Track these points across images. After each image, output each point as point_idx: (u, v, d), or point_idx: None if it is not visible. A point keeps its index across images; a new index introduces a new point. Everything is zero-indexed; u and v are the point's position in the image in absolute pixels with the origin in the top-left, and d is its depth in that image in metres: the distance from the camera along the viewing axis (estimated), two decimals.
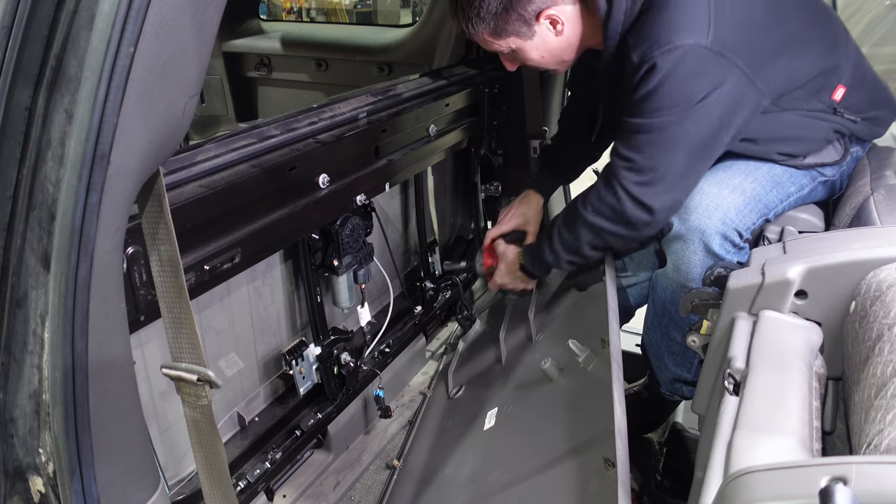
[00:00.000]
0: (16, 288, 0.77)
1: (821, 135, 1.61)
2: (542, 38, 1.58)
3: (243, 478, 1.60)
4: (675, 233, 1.56)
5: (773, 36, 1.48)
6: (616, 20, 1.49)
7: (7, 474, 0.86)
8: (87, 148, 0.70)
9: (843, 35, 1.63)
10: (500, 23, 1.54)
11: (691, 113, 1.41)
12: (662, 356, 1.78)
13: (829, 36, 1.59)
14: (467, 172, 2.54)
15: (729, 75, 1.40)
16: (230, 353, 1.66)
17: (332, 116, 1.64)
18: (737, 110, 1.46)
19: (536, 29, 1.56)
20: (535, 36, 1.57)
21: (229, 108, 3.37)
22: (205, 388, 0.92)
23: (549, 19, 1.54)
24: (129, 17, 0.68)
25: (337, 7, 6.44)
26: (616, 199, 1.51)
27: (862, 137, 1.68)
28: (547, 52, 1.62)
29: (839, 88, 1.59)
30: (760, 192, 1.58)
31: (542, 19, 1.54)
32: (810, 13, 1.58)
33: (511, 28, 1.55)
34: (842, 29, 1.64)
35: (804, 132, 1.60)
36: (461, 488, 1.58)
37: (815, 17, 1.59)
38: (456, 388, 2.08)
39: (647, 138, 1.46)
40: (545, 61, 1.65)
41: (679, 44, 1.37)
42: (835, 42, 1.59)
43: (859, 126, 1.64)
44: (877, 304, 0.99)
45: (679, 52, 1.37)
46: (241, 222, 1.38)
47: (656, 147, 1.46)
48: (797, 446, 0.85)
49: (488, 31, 1.57)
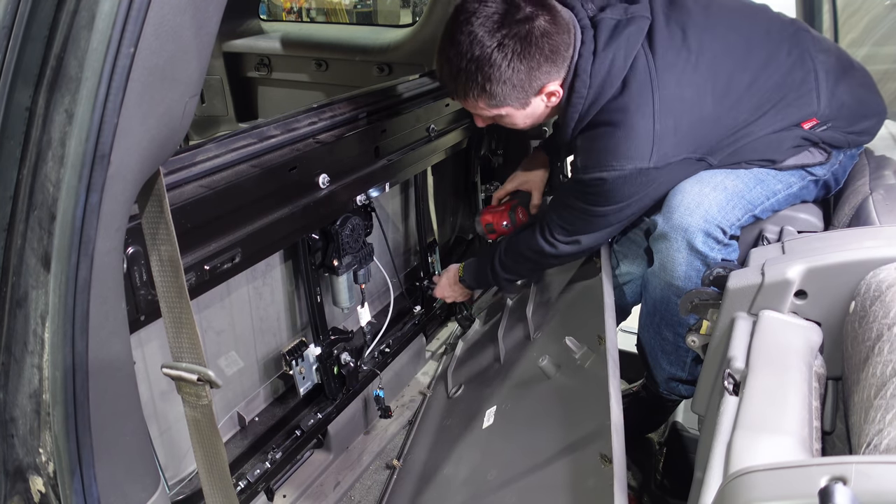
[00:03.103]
0: (16, 288, 0.77)
1: (794, 143, 1.60)
2: (534, 108, 1.57)
3: (243, 478, 1.60)
4: (659, 232, 1.57)
5: (727, 121, 1.53)
6: (571, 118, 1.56)
7: (7, 474, 0.86)
8: (88, 148, 0.70)
9: (815, 68, 1.58)
10: (503, 95, 1.50)
11: (629, 204, 1.56)
12: (657, 356, 1.79)
13: (797, 82, 1.56)
14: (467, 172, 2.54)
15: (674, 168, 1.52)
16: (230, 352, 1.66)
17: (332, 116, 1.64)
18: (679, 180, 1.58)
19: (533, 100, 1.54)
20: (528, 106, 1.56)
21: (229, 108, 3.37)
22: (205, 388, 0.92)
23: (548, 94, 1.54)
24: (129, 18, 0.68)
25: (337, 7, 6.44)
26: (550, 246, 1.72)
27: (841, 146, 1.65)
28: (531, 119, 1.61)
29: (810, 121, 1.59)
30: (743, 189, 1.58)
31: (542, 93, 1.53)
32: (774, 71, 1.55)
33: (511, 99, 1.52)
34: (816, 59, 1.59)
35: (776, 147, 1.59)
36: (461, 487, 1.59)
37: (779, 73, 1.55)
38: (455, 387, 2.08)
39: (579, 216, 1.64)
40: (524, 125, 1.64)
41: (619, 167, 1.47)
42: (803, 86, 1.57)
43: (838, 137, 1.62)
44: (876, 304, 0.99)
45: (620, 172, 1.48)
46: (241, 222, 1.38)
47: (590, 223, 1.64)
48: (797, 446, 0.85)
49: (487, 100, 1.52)
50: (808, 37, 1.64)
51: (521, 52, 1.44)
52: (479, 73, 1.46)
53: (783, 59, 1.57)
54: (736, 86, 1.52)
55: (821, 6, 2.39)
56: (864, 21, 2.83)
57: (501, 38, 1.42)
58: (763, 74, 1.54)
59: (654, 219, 1.61)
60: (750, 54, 1.55)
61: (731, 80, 1.52)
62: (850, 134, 1.64)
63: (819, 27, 2.42)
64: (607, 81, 1.48)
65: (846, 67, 1.66)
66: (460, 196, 2.62)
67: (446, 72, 1.52)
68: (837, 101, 1.60)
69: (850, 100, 1.62)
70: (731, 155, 1.58)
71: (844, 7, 2.45)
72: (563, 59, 1.50)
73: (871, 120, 1.68)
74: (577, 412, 1.44)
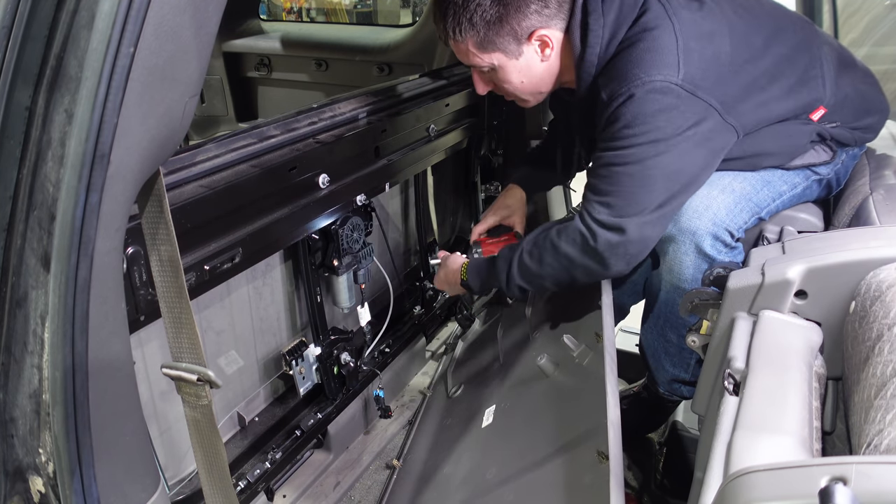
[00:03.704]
0: (16, 288, 0.77)
1: (803, 141, 1.61)
2: (527, 60, 1.53)
3: (243, 478, 1.60)
4: (666, 234, 1.56)
5: (743, 76, 1.47)
6: (589, 63, 1.49)
7: (7, 474, 0.86)
8: (87, 148, 0.70)
9: (821, 56, 1.59)
10: (490, 34, 1.48)
11: (669, 147, 1.39)
12: (659, 357, 1.78)
13: (803, 63, 1.56)
14: (467, 172, 2.54)
15: (705, 114, 1.41)
16: (230, 352, 1.66)
17: (332, 116, 1.64)
18: (713, 148, 1.46)
19: (525, 49, 1.51)
20: (521, 56, 1.52)
21: (229, 108, 3.38)
22: (205, 388, 0.92)
23: (539, 40, 1.51)
24: (129, 18, 0.68)
25: (337, 7, 6.44)
26: (590, 233, 1.45)
27: (848, 144, 1.66)
28: (527, 77, 1.57)
29: (819, 110, 1.58)
30: (750, 192, 1.58)
31: (533, 39, 1.50)
32: (782, 44, 1.55)
33: (500, 42, 1.49)
34: (821, 48, 1.60)
35: (784, 144, 1.59)
36: (460, 486, 1.59)
37: (787, 47, 1.55)
38: (455, 387, 2.08)
39: (622, 170, 1.41)
40: (523, 87, 1.59)
41: (648, 79, 1.36)
42: (810, 70, 1.57)
43: (846, 134, 1.63)
44: (877, 304, 0.99)
45: (650, 85, 1.36)
46: (241, 222, 1.38)
47: (632, 179, 1.41)
48: (797, 446, 0.85)
49: (475, 41, 1.50)
50: (812, 28, 1.66)
51: None
52: (465, 6, 1.45)
53: (790, 35, 1.57)
54: (751, 41, 1.50)
55: (821, 6, 2.40)
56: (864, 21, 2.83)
57: None
58: (774, 41, 1.53)
59: None
60: (760, 19, 1.55)
61: (747, 35, 1.49)
62: (856, 130, 1.65)
63: (819, 27, 2.42)
64: (621, 16, 1.44)
65: (848, 64, 1.67)
66: (460, 196, 2.62)
67: (438, 13, 1.52)
68: (841, 93, 1.60)
69: (853, 93, 1.63)
70: (752, 142, 1.54)
71: (844, 7, 2.45)
72: (558, 3, 1.48)
73: (874, 116, 1.69)
74: (575, 410, 1.44)
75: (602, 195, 1.44)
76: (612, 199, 1.43)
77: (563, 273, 1.53)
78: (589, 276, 1.52)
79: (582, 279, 1.53)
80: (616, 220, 1.42)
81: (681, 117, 1.38)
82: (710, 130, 1.43)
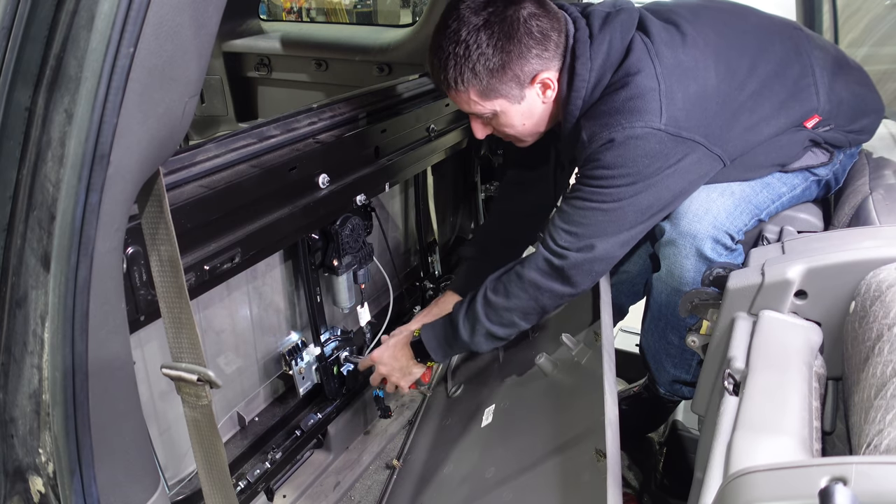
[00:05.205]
0: (16, 288, 0.77)
1: (796, 150, 1.60)
2: (529, 103, 1.50)
3: (243, 478, 1.60)
4: (666, 238, 1.56)
5: (730, 104, 1.47)
6: (574, 106, 1.48)
7: (7, 474, 0.86)
8: (87, 148, 0.70)
9: (812, 62, 1.58)
10: (493, 81, 1.43)
11: (647, 186, 1.41)
12: (661, 359, 1.78)
13: (793, 75, 1.55)
14: (467, 172, 2.54)
15: (689, 150, 1.42)
16: (230, 352, 1.66)
17: (332, 116, 1.64)
18: (693, 178, 1.48)
19: (527, 93, 1.48)
20: (523, 101, 1.49)
21: (229, 108, 3.37)
22: (205, 388, 0.92)
23: (541, 83, 1.47)
24: (128, 18, 0.68)
25: (337, 7, 6.44)
26: (554, 256, 1.47)
27: (842, 146, 1.66)
28: (528, 119, 1.54)
29: (812, 118, 1.58)
30: (750, 194, 1.58)
31: (535, 83, 1.47)
32: (768, 61, 1.53)
33: (503, 89, 1.45)
34: (811, 54, 1.59)
35: (777, 156, 1.59)
36: (460, 486, 1.59)
37: (774, 62, 1.54)
38: (455, 386, 2.08)
39: (595, 206, 1.43)
40: (524, 129, 1.56)
41: (629, 125, 1.37)
42: (801, 80, 1.56)
43: (840, 137, 1.63)
44: (877, 304, 0.99)
45: (631, 131, 1.37)
46: (241, 222, 1.38)
47: (605, 215, 1.43)
48: (797, 446, 0.85)
49: (478, 89, 1.44)
50: (801, 34, 1.65)
51: (508, 31, 1.39)
52: (466, 56, 1.40)
53: (777, 48, 1.56)
54: (736, 66, 1.50)
55: (821, 6, 2.40)
56: (864, 21, 2.83)
57: (487, 16, 1.39)
58: (760, 60, 1.53)
59: (660, 224, 1.58)
60: (744, 39, 1.54)
61: (730, 61, 1.49)
62: (851, 133, 1.65)
63: (819, 27, 2.42)
64: (608, 62, 1.44)
65: (842, 65, 1.66)
66: (460, 196, 2.62)
67: (436, 63, 1.47)
68: (836, 97, 1.60)
69: (848, 96, 1.62)
70: (743, 160, 1.55)
71: (844, 7, 2.45)
72: (556, 46, 1.45)
73: (869, 117, 1.68)
74: (574, 408, 1.44)
75: (570, 224, 1.46)
76: (580, 229, 1.46)
77: (530, 302, 1.52)
78: (556, 298, 1.52)
79: (549, 304, 1.54)
80: (584, 242, 1.45)
81: (662, 159, 1.40)
82: (693, 163, 1.45)
